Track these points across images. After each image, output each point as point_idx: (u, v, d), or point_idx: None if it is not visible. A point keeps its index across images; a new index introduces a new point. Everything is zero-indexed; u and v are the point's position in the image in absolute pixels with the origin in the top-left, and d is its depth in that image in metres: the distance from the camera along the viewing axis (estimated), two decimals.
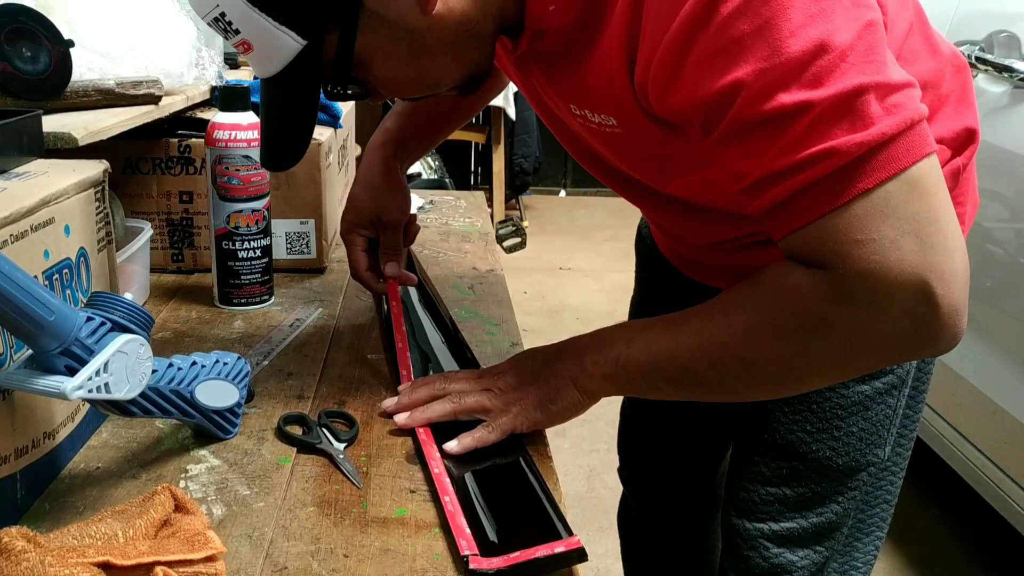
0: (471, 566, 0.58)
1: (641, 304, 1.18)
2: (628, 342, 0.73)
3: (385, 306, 1.01)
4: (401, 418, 0.77)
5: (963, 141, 0.80)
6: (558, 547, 0.59)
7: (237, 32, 0.67)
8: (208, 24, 0.68)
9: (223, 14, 0.66)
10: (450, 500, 0.65)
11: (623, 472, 1.30)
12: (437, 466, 0.70)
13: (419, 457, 0.72)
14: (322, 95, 0.74)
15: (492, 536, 0.62)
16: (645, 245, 1.14)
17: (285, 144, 0.76)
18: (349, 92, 0.74)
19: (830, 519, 0.89)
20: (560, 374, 0.75)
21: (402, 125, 1.06)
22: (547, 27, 0.70)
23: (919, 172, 0.59)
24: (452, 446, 0.73)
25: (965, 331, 0.63)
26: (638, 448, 1.26)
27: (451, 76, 0.75)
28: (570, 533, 0.61)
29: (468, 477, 0.70)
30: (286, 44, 0.68)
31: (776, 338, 0.66)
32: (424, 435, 0.74)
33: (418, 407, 0.77)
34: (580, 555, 0.59)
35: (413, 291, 1.06)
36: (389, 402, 0.80)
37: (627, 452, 1.28)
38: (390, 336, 0.93)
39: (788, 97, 0.58)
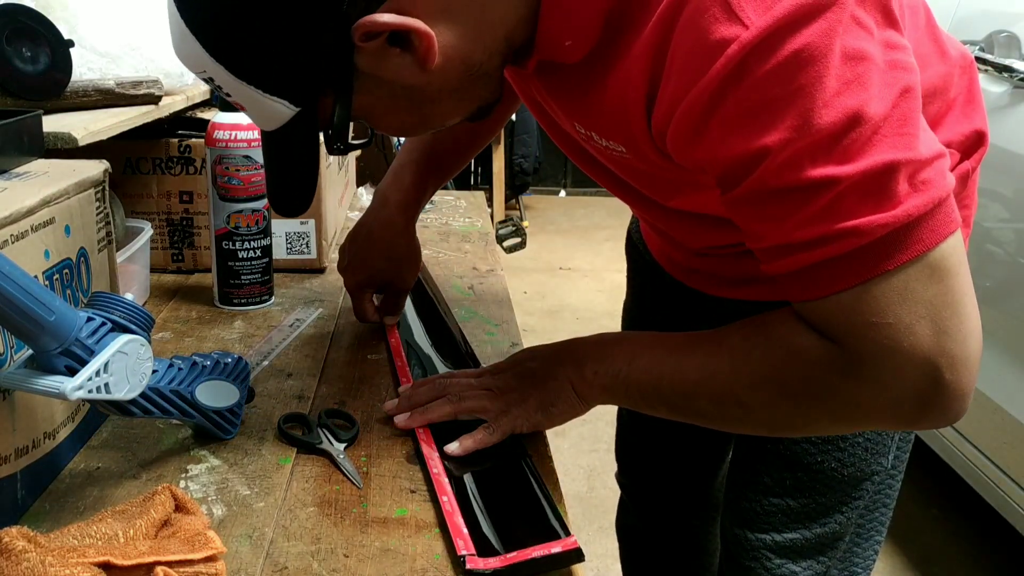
0: (468, 566, 0.58)
1: (635, 310, 1.16)
2: (630, 360, 0.72)
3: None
4: (401, 419, 0.77)
5: (972, 144, 0.79)
6: (555, 547, 0.59)
7: (228, 95, 0.65)
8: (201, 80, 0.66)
9: (211, 79, 0.64)
10: (448, 500, 0.65)
11: (621, 478, 1.30)
12: (436, 466, 0.70)
13: (418, 457, 0.72)
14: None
15: (490, 536, 0.62)
16: (637, 251, 1.11)
17: (292, 192, 0.73)
18: (352, 146, 0.71)
19: (834, 529, 0.88)
20: (560, 377, 0.75)
21: (421, 178, 1.00)
22: (559, 60, 0.67)
23: (941, 254, 0.58)
24: (453, 448, 0.73)
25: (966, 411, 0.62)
26: (636, 454, 1.25)
27: (458, 115, 0.72)
28: (567, 533, 0.61)
29: (467, 478, 0.70)
30: (279, 111, 0.65)
31: (779, 394, 0.65)
32: (424, 435, 0.74)
33: (418, 408, 0.77)
34: (577, 555, 0.59)
35: (409, 301, 1.06)
36: (390, 404, 0.79)
37: (625, 458, 1.27)
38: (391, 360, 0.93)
39: (815, 171, 0.56)
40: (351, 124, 0.69)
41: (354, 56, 0.62)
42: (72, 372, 0.59)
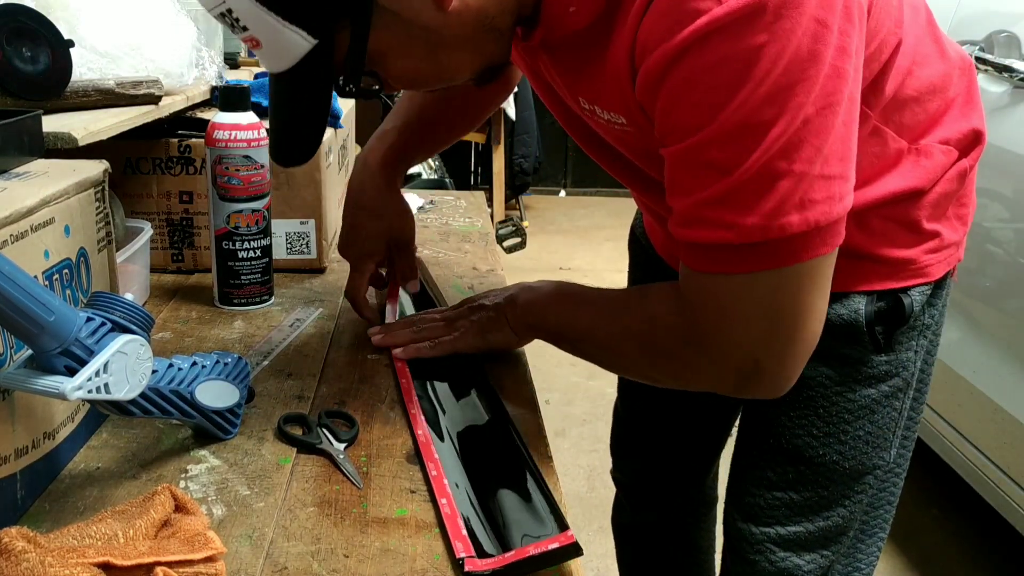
0: (467, 568, 0.58)
1: None
2: (547, 305, 0.85)
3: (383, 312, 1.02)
4: (376, 338, 0.93)
5: (970, 142, 0.81)
6: (552, 544, 0.59)
7: (245, 28, 0.65)
8: (215, 17, 0.67)
9: (230, 10, 0.64)
10: (447, 503, 0.65)
11: (616, 474, 1.31)
12: (435, 469, 0.70)
13: (418, 458, 0.72)
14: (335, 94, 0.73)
15: (489, 536, 0.62)
16: (639, 246, 1.13)
17: (295, 141, 0.75)
18: (364, 90, 0.72)
19: (837, 523, 0.89)
20: (499, 312, 0.88)
21: (404, 141, 1.01)
22: (564, 28, 0.70)
23: (801, 271, 0.64)
24: (398, 352, 0.89)
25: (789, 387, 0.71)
26: (631, 449, 1.26)
27: (469, 69, 0.74)
28: (565, 527, 0.61)
29: (463, 480, 0.70)
30: (295, 43, 0.66)
31: (637, 349, 0.77)
32: (423, 438, 0.74)
33: (390, 334, 0.92)
34: (575, 549, 0.59)
35: (406, 297, 1.06)
36: (374, 329, 0.94)
37: (620, 453, 1.28)
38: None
39: (725, 156, 0.61)
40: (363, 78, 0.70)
41: None
42: (72, 372, 0.59)
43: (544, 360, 1.99)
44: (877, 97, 0.73)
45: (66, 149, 0.83)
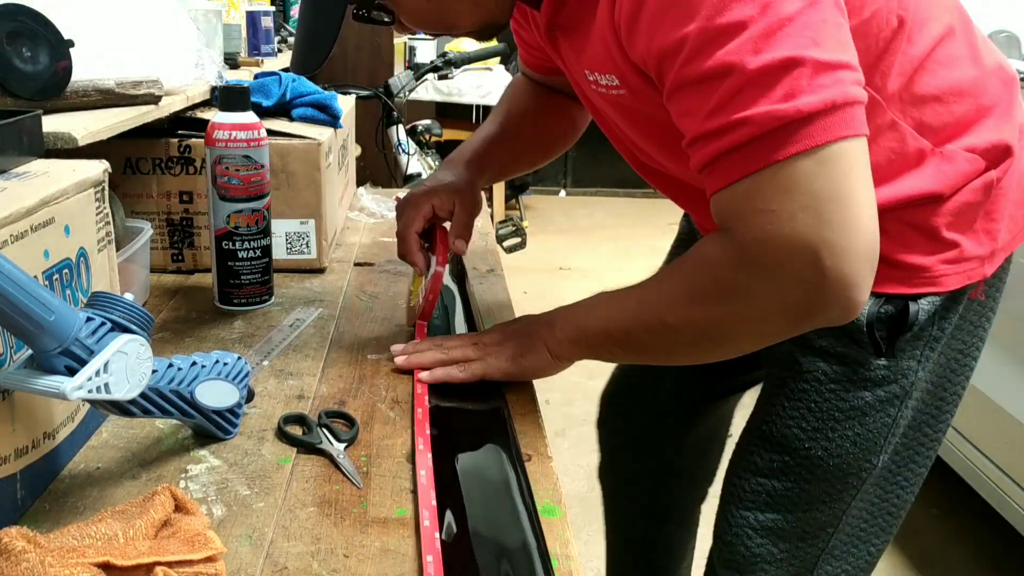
0: None
1: None
2: (589, 311, 0.81)
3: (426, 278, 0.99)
4: (400, 359, 0.87)
5: (999, 155, 0.79)
6: None
7: None
8: None
9: None
10: (428, 517, 0.63)
11: (599, 429, 1.34)
12: (426, 477, 0.68)
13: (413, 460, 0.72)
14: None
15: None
16: (689, 226, 1.15)
17: (310, 51, 0.83)
18: (376, 16, 0.81)
19: (816, 519, 0.89)
20: (535, 336, 0.84)
21: (484, 148, 1.08)
22: None
23: (831, 153, 0.62)
24: (424, 375, 0.84)
25: (865, 303, 0.67)
26: (616, 409, 1.29)
27: (469, 19, 0.81)
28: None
29: (452, 518, 0.65)
30: None
31: (691, 303, 0.72)
32: (422, 445, 0.74)
33: (415, 354, 0.87)
34: None
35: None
36: (397, 347, 0.89)
37: (607, 410, 1.31)
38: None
39: (721, 58, 0.62)
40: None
41: None
42: (72, 372, 0.59)
43: None
44: (883, 80, 0.73)
45: (66, 149, 0.83)
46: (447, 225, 1.01)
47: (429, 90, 3.86)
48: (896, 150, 0.75)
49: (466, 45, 3.53)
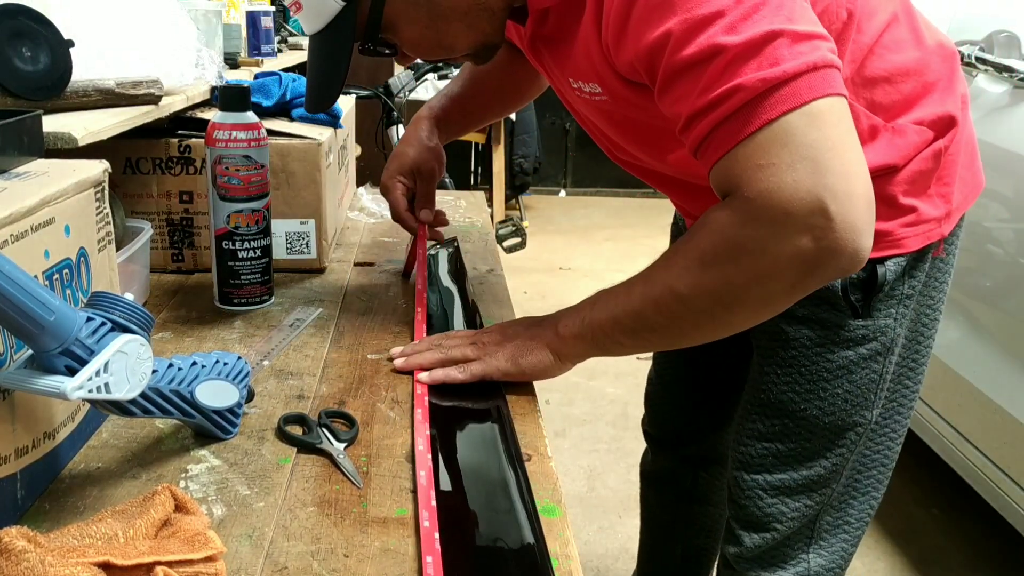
0: None
1: None
2: (593, 304, 0.82)
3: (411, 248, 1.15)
4: (399, 361, 0.88)
5: (945, 125, 0.86)
6: None
7: None
8: None
9: None
10: (428, 518, 0.63)
11: (644, 426, 1.40)
12: (426, 479, 0.68)
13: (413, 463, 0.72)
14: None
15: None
16: (678, 228, 1.22)
17: (323, 91, 0.90)
18: (380, 50, 0.87)
19: (819, 474, 0.97)
20: (536, 336, 0.85)
21: (447, 106, 1.20)
22: (544, 4, 0.80)
23: (819, 107, 0.66)
24: (423, 376, 0.84)
25: (870, 251, 0.69)
26: (656, 405, 1.36)
27: (465, 42, 0.86)
28: None
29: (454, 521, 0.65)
30: (329, 5, 0.81)
31: (701, 268, 0.73)
32: (422, 445, 0.74)
33: (414, 354, 0.88)
34: None
35: (443, 262, 1.19)
36: (396, 350, 0.90)
37: (649, 408, 1.38)
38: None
39: (707, 41, 0.66)
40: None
41: None
42: (72, 372, 0.59)
43: None
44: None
45: (66, 149, 0.83)
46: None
47: (429, 90, 3.87)
48: None
49: None
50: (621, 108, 0.83)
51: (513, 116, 4.23)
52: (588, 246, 4.43)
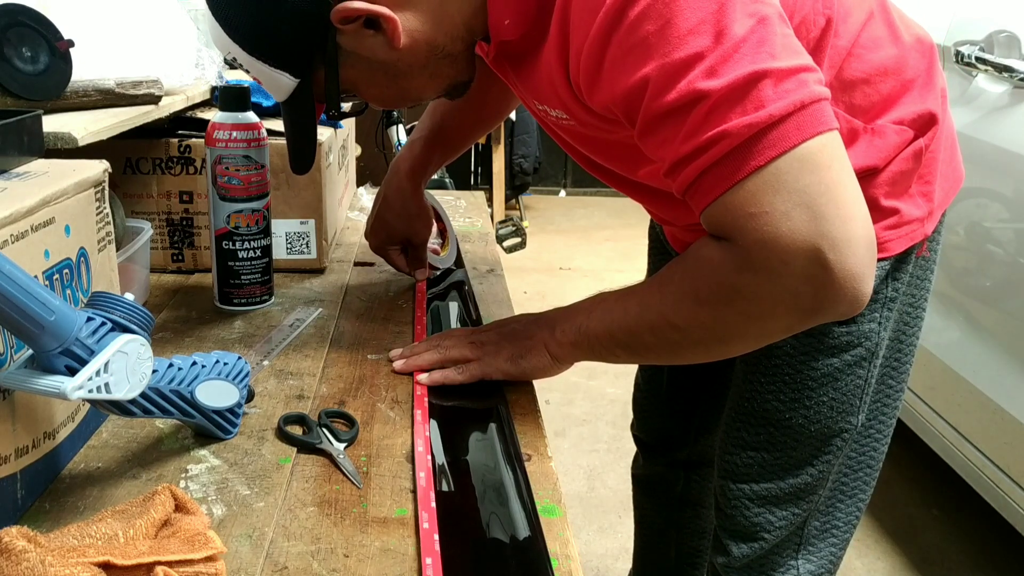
0: None
1: None
2: (589, 313, 0.82)
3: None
4: (398, 363, 0.88)
5: (925, 123, 0.84)
6: None
7: (247, 71, 0.81)
8: (227, 62, 0.78)
9: (235, 58, 0.80)
10: (428, 519, 0.63)
11: (634, 431, 1.39)
12: (425, 480, 0.68)
13: (413, 461, 0.72)
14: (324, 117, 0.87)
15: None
16: (655, 233, 1.21)
17: (299, 156, 0.90)
18: (344, 113, 0.87)
19: (806, 481, 0.95)
20: (535, 337, 0.85)
21: (424, 152, 1.15)
22: (507, 37, 0.78)
23: (809, 149, 0.64)
24: (423, 378, 0.85)
25: (870, 295, 0.68)
26: (644, 411, 1.35)
27: (432, 90, 0.86)
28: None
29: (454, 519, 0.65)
30: (284, 82, 0.81)
31: (696, 304, 0.72)
32: (422, 446, 0.74)
33: (413, 355, 0.88)
34: None
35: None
36: (395, 351, 0.90)
37: (637, 413, 1.37)
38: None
39: (687, 87, 0.64)
40: (346, 101, 0.86)
41: (337, 37, 0.77)
42: (72, 372, 0.59)
43: None
44: None
45: (66, 149, 0.83)
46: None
47: None
48: None
49: None
50: (590, 131, 0.81)
51: (513, 116, 4.23)
52: (588, 246, 4.43)
